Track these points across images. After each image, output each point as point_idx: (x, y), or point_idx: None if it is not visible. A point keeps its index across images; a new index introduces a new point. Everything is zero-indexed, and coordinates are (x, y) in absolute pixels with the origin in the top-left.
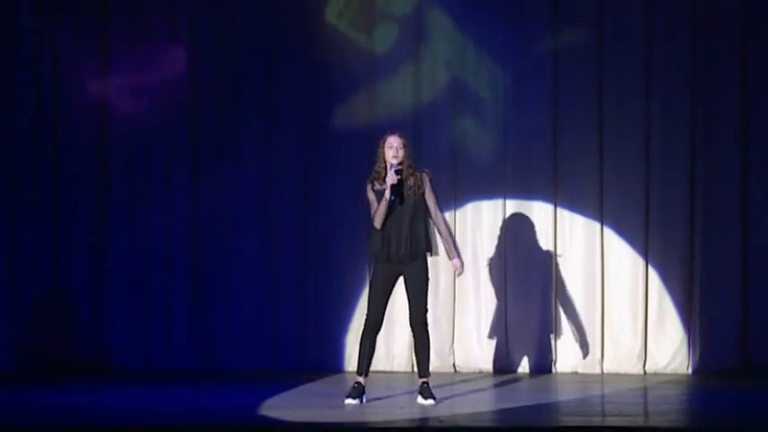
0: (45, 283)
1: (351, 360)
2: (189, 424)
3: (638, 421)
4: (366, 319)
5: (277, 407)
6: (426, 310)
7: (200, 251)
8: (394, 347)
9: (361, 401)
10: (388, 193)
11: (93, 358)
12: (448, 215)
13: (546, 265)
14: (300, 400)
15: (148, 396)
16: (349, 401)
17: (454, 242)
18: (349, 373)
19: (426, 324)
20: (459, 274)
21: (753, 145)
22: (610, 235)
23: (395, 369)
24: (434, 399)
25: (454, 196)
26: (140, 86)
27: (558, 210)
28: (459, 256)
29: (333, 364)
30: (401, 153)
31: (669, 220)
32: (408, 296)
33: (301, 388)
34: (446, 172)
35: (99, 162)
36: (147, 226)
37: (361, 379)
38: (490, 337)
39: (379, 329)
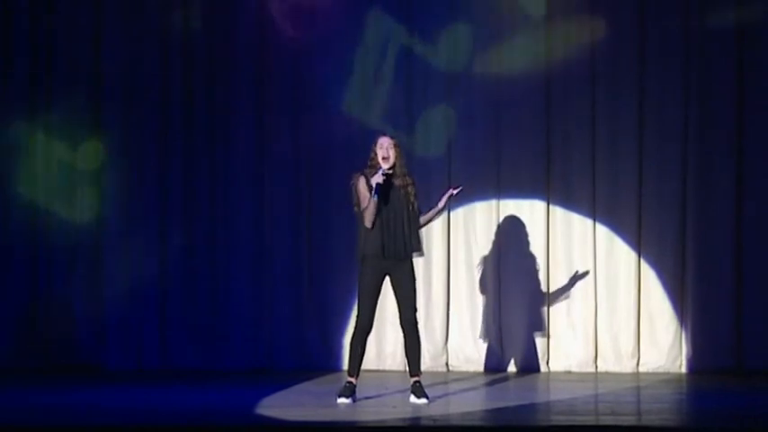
0: (40, 283)
1: (345, 359)
2: (182, 423)
3: (631, 420)
4: (357, 320)
5: (271, 406)
6: (416, 309)
7: (194, 250)
8: (386, 347)
9: (353, 401)
10: (374, 192)
11: (87, 358)
12: (441, 218)
13: (539, 264)
14: (294, 400)
15: (143, 396)
16: (342, 401)
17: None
18: (342, 372)
19: (417, 323)
20: (456, 189)
21: (747, 142)
22: (602, 233)
23: (386, 368)
24: (428, 398)
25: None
26: (134, 87)
27: (551, 208)
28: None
29: (327, 364)
30: (392, 153)
31: (662, 219)
32: (398, 297)
33: (295, 387)
34: (439, 173)
35: (91, 160)
36: (140, 225)
37: (352, 379)
38: (483, 336)
39: (370, 330)
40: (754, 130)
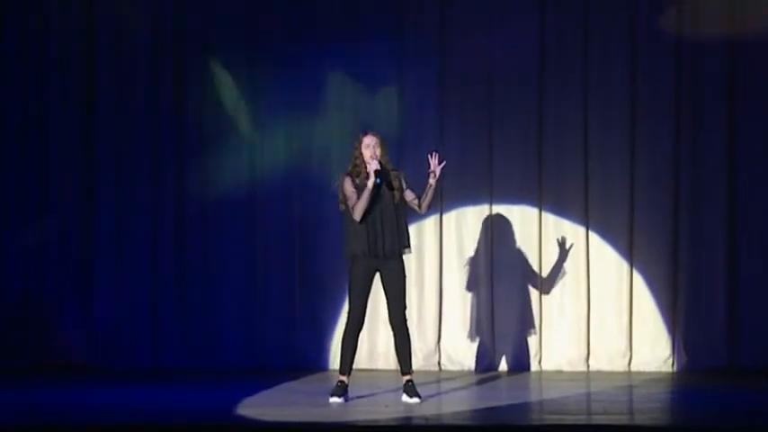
0: (32, 282)
1: (337, 358)
2: (174, 422)
3: (624, 419)
4: (348, 318)
5: (262, 405)
6: (406, 307)
7: (186, 249)
8: (378, 346)
9: (345, 400)
10: (371, 182)
11: (79, 357)
12: (433, 220)
13: (531, 266)
14: (286, 399)
15: (135, 395)
16: (334, 400)
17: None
18: (334, 371)
19: (406, 321)
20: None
21: (739, 146)
22: (594, 237)
23: (379, 367)
24: (420, 397)
25: (440, 202)
26: (126, 86)
27: (543, 214)
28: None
29: (319, 363)
30: (378, 152)
31: (655, 220)
32: (387, 294)
33: (287, 386)
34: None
35: (85, 161)
36: (133, 224)
37: (344, 378)
38: (475, 335)
39: (361, 328)
40: (747, 134)
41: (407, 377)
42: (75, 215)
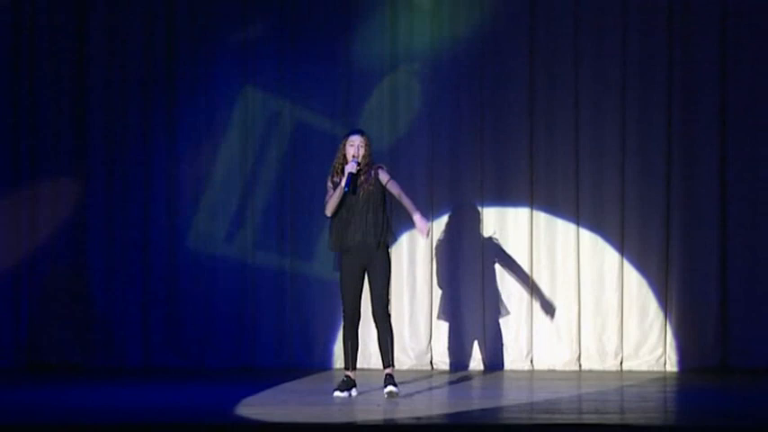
0: (24, 281)
1: (331, 357)
2: (165, 422)
3: (615, 419)
4: (343, 315)
5: (253, 405)
6: (388, 302)
7: (177, 248)
8: (371, 345)
9: (350, 395)
10: (344, 181)
11: (71, 356)
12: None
13: (523, 265)
14: (277, 398)
15: (127, 394)
16: (337, 394)
17: (417, 208)
18: (326, 371)
19: (389, 315)
20: (428, 233)
21: (730, 144)
22: (586, 235)
23: (372, 366)
24: (395, 385)
25: (431, 202)
26: (117, 80)
27: (534, 212)
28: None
29: (310, 362)
30: (362, 152)
31: (646, 219)
32: (371, 288)
33: (278, 386)
34: (423, 178)
35: (76, 162)
36: (124, 224)
37: (349, 373)
38: (467, 335)
39: (357, 322)
40: (738, 130)
41: (388, 370)
42: (67, 215)
